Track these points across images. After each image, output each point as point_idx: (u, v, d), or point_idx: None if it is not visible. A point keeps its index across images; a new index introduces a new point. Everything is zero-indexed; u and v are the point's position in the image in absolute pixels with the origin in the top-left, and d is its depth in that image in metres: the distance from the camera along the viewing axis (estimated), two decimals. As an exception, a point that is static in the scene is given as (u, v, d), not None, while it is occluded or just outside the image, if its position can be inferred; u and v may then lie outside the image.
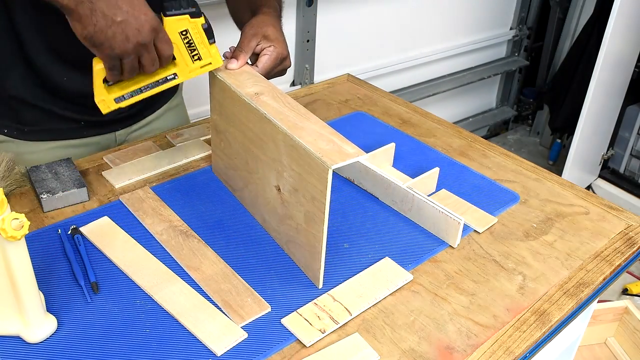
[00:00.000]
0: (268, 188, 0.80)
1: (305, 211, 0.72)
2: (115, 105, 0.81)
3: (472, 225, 0.87)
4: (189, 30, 0.79)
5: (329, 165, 0.65)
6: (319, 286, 0.75)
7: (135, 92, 0.82)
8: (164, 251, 0.80)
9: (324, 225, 0.69)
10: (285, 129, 0.72)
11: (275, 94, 0.80)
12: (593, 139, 2.33)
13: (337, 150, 0.68)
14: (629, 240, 0.87)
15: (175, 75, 0.82)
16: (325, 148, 0.68)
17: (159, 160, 0.99)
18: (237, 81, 0.83)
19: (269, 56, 0.90)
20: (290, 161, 0.72)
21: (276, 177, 0.77)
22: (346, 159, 0.67)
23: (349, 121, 1.15)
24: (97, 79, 0.78)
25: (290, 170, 0.73)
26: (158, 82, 0.82)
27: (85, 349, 0.66)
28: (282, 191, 0.76)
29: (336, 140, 0.70)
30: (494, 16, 2.63)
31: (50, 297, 0.71)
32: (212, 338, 0.67)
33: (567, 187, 0.98)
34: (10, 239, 0.58)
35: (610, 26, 1.97)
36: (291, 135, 0.71)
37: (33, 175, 0.90)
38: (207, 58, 0.82)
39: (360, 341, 0.68)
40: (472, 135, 1.13)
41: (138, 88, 0.81)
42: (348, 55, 2.13)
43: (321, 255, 0.72)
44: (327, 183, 0.66)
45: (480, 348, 0.68)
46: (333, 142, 0.70)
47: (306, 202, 0.71)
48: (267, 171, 0.79)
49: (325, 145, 0.69)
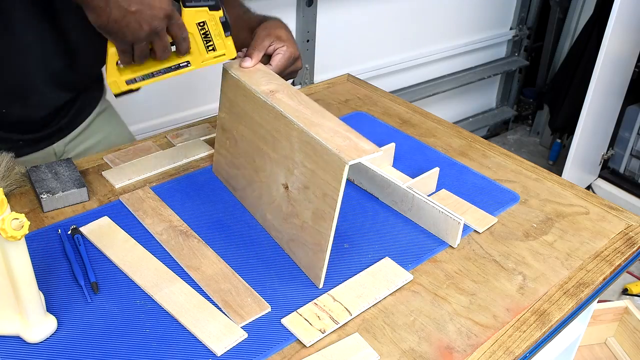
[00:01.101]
0: (275, 186, 0.80)
1: (314, 208, 0.72)
2: (126, 87, 0.82)
3: (472, 225, 0.87)
4: (207, 22, 0.80)
5: (346, 161, 0.66)
6: (319, 286, 0.75)
7: (147, 76, 0.83)
8: (164, 251, 0.80)
9: (333, 222, 0.69)
10: (301, 125, 0.73)
11: (290, 92, 0.82)
12: (593, 139, 2.33)
13: (354, 146, 0.69)
14: (629, 240, 0.87)
15: (188, 63, 0.83)
16: (342, 144, 0.70)
17: (159, 160, 0.99)
18: (251, 79, 0.84)
19: (282, 55, 0.92)
20: (304, 158, 0.73)
21: (285, 175, 0.77)
22: (362, 155, 0.68)
23: (349, 121, 1.14)
24: (110, 61, 0.80)
25: (302, 167, 0.74)
26: (170, 68, 0.83)
27: (85, 349, 0.66)
28: (290, 189, 0.77)
29: (352, 137, 0.72)
30: (494, 16, 2.63)
31: (50, 297, 0.71)
32: (212, 338, 0.67)
33: (567, 187, 0.98)
34: (10, 239, 0.58)
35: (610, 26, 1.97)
36: (307, 132, 0.72)
37: (33, 175, 0.90)
38: (221, 49, 0.83)
39: (360, 341, 0.68)
40: (472, 135, 1.13)
41: (150, 72, 0.82)
42: (348, 55, 2.13)
43: (326, 253, 0.72)
44: (343, 178, 0.67)
45: (480, 348, 0.68)
46: (350, 139, 0.71)
47: (316, 199, 0.72)
48: (276, 169, 0.79)
49: (342, 142, 0.70)
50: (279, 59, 0.92)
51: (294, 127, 0.74)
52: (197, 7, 0.79)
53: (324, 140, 0.70)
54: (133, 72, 0.81)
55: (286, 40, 0.93)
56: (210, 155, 1.01)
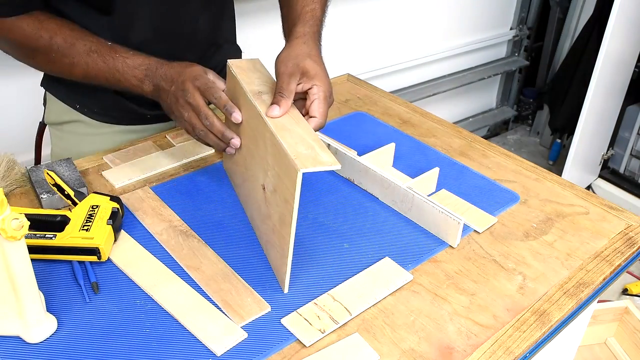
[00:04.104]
0: (257, 185, 0.80)
1: (280, 213, 0.72)
2: None
3: (472, 225, 0.87)
4: (100, 206, 0.80)
5: (298, 169, 0.65)
6: (284, 291, 0.74)
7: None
8: (163, 251, 0.80)
9: (291, 228, 0.68)
10: (272, 128, 0.73)
11: None
12: (593, 138, 2.33)
13: (313, 156, 0.68)
14: (629, 240, 0.87)
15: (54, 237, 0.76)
16: (303, 152, 0.68)
17: (159, 160, 0.99)
18: (246, 78, 0.84)
19: (318, 100, 0.80)
20: (274, 161, 0.72)
21: (263, 176, 0.78)
22: (318, 165, 0.66)
23: (349, 121, 1.15)
24: None
25: (272, 169, 0.73)
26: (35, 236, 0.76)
27: (85, 349, 0.66)
28: (265, 190, 0.77)
29: (316, 147, 0.70)
30: (494, 16, 2.63)
31: (50, 297, 0.71)
32: (212, 338, 0.67)
33: (567, 187, 0.98)
34: (10, 238, 0.58)
35: (610, 26, 1.97)
36: (276, 135, 0.71)
37: (33, 175, 0.90)
38: (93, 232, 0.77)
39: (360, 341, 0.68)
40: (472, 135, 1.13)
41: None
42: (348, 55, 2.13)
43: (287, 259, 0.71)
44: (297, 186, 0.65)
45: (480, 348, 0.68)
46: (312, 149, 0.69)
47: (281, 204, 0.71)
48: (257, 169, 0.79)
49: (304, 150, 0.68)
50: (317, 105, 0.80)
51: (267, 129, 0.74)
52: (103, 195, 0.82)
53: (287, 146, 0.69)
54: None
55: (314, 76, 0.80)
56: (209, 156, 1.02)
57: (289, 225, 0.68)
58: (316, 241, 0.83)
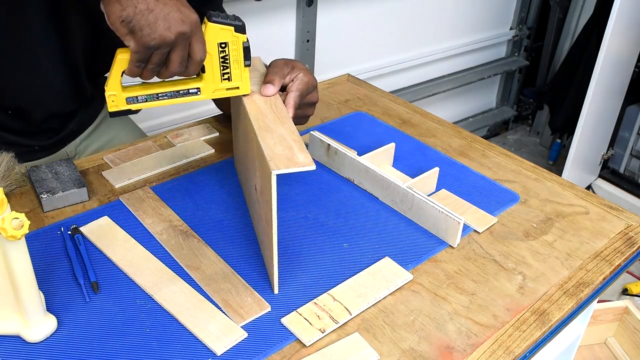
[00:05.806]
0: (252, 186, 0.81)
1: (265, 213, 0.72)
2: (125, 105, 0.74)
3: (472, 225, 0.87)
4: (229, 44, 0.73)
5: (271, 170, 0.65)
6: (274, 292, 0.74)
7: (151, 97, 0.75)
8: (164, 251, 0.80)
9: (273, 229, 0.68)
10: (256, 129, 0.73)
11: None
12: (593, 139, 2.33)
13: (289, 157, 0.67)
14: (629, 240, 0.87)
15: (198, 91, 0.75)
16: (279, 153, 0.68)
17: (159, 160, 0.99)
18: None
19: (300, 80, 0.88)
20: (259, 162, 0.72)
21: (254, 176, 0.78)
22: (291, 166, 0.65)
23: (349, 121, 1.15)
24: (115, 70, 0.72)
25: (259, 170, 0.73)
26: (178, 93, 0.75)
27: (85, 349, 0.66)
28: (257, 191, 0.77)
29: (295, 147, 0.69)
30: (494, 16, 2.63)
31: (50, 297, 0.71)
32: (212, 337, 0.67)
33: (567, 187, 0.98)
34: (10, 238, 0.58)
35: (610, 26, 1.97)
36: (258, 136, 0.71)
37: (33, 175, 0.90)
38: (236, 81, 0.76)
39: (360, 341, 0.68)
40: (472, 135, 1.13)
41: (155, 93, 0.74)
42: (348, 55, 2.13)
43: (273, 259, 0.71)
44: (272, 187, 0.65)
45: (480, 348, 0.68)
46: (291, 149, 0.69)
47: (265, 204, 0.71)
48: (251, 170, 0.80)
49: (281, 151, 0.68)
50: (298, 83, 0.87)
51: (252, 129, 0.74)
52: (224, 24, 0.72)
53: (265, 147, 0.69)
54: (136, 90, 0.73)
55: (302, 69, 0.90)
56: (210, 155, 1.02)
57: (270, 226, 0.69)
58: (316, 241, 0.83)
